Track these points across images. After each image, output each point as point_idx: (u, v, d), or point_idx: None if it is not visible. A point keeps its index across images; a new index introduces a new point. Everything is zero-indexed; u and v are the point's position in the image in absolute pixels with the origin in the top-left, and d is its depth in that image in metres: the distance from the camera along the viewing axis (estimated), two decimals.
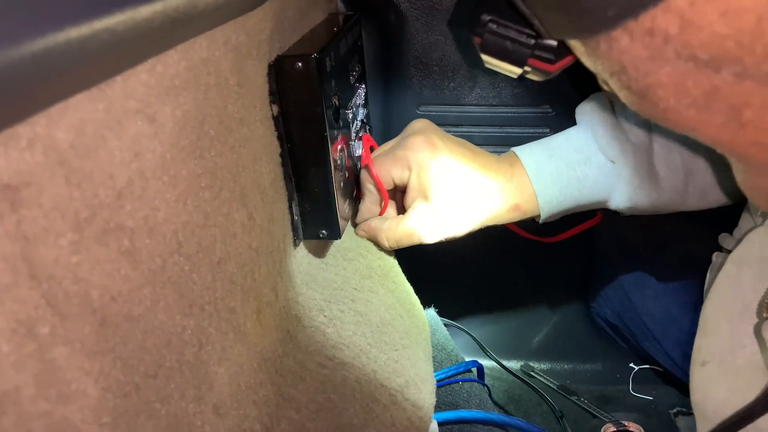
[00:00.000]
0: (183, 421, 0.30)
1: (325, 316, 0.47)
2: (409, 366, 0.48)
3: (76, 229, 0.22)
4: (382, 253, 0.59)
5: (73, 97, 0.22)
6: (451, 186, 0.53)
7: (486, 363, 0.84)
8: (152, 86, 0.27)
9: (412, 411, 0.45)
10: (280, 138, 0.46)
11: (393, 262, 0.61)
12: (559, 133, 0.57)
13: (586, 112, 0.55)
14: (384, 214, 0.58)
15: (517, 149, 0.56)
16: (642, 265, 0.76)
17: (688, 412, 0.77)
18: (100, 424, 0.23)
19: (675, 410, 0.78)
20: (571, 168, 0.53)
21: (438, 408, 0.52)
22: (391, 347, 0.49)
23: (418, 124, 0.57)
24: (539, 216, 0.56)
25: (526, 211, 0.55)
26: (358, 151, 0.55)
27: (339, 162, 0.50)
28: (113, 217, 0.24)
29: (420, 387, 0.47)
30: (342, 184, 0.51)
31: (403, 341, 0.50)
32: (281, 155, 0.46)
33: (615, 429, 0.75)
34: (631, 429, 0.74)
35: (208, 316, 0.32)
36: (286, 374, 0.42)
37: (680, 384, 0.80)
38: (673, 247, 0.77)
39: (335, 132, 0.49)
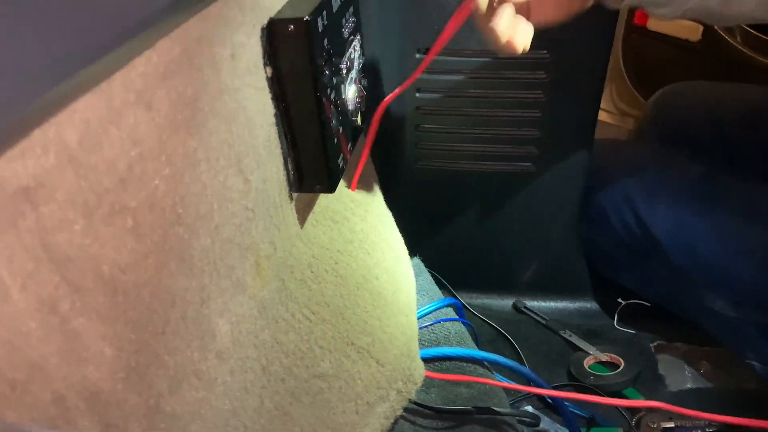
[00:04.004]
0: (189, 368, 0.34)
1: (312, 272, 0.51)
2: (377, 326, 0.53)
3: (86, 215, 0.26)
4: (366, 215, 0.62)
5: (79, 100, 0.24)
6: None
7: (478, 302, 0.89)
8: (149, 75, 0.29)
9: (375, 366, 0.50)
10: (274, 98, 0.48)
11: (376, 222, 0.64)
12: None
13: None
14: None
15: None
16: (653, 182, 0.79)
17: (668, 344, 0.82)
18: (115, 378, 0.27)
19: (655, 343, 0.83)
20: None
21: (421, 345, 0.57)
22: (362, 309, 0.54)
23: None
24: None
25: None
26: (352, 105, 0.57)
27: (332, 118, 0.52)
28: (117, 200, 0.27)
29: (386, 345, 0.53)
30: (336, 139, 0.53)
31: (375, 302, 0.55)
32: (275, 115, 0.48)
33: (596, 361, 0.80)
34: (611, 361, 0.79)
35: (208, 276, 0.36)
36: (279, 321, 0.46)
37: (663, 318, 0.85)
38: (683, 166, 0.79)
39: (329, 89, 0.51)
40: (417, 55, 0.75)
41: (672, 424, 0.68)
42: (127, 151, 0.28)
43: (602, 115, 1.51)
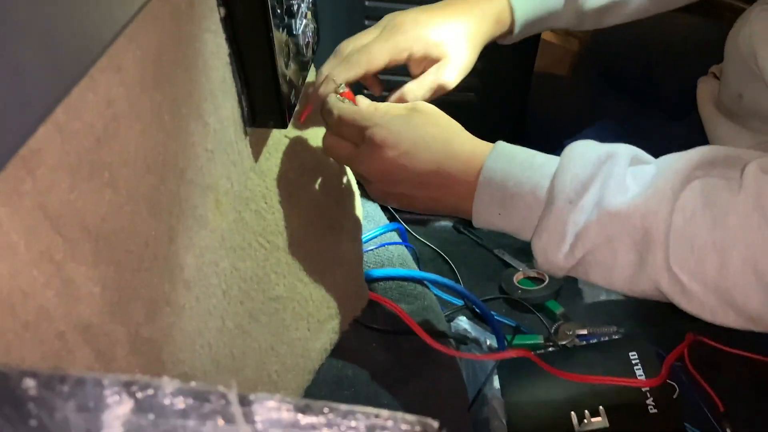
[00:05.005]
0: (161, 298, 0.39)
1: (266, 203, 0.54)
2: (328, 253, 0.58)
3: (71, 174, 0.29)
4: (317, 147, 0.65)
5: None
6: (449, 37, 0.61)
7: (421, 225, 0.95)
8: (119, 40, 0.32)
9: (326, 290, 0.55)
10: (228, 39, 0.50)
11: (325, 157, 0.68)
12: None
13: None
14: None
15: None
16: (581, 123, 0.85)
17: None
18: (102, 313, 0.31)
19: None
20: None
21: (367, 267, 0.63)
22: (315, 237, 0.58)
23: (393, 18, 0.63)
24: (515, 28, 0.65)
25: (505, 21, 0.65)
26: (303, 40, 0.59)
27: (284, 56, 0.54)
28: (96, 158, 0.31)
29: (335, 269, 0.58)
30: (288, 77, 0.56)
31: (326, 229, 0.59)
32: (229, 55, 0.50)
33: (525, 276, 0.88)
34: (537, 276, 0.88)
35: (175, 217, 0.40)
36: (237, 249, 0.50)
37: None
38: (611, 107, 0.86)
39: (280, 27, 0.53)
40: None
41: (585, 331, 0.78)
42: (102, 112, 0.31)
43: (547, 35, 1.53)
